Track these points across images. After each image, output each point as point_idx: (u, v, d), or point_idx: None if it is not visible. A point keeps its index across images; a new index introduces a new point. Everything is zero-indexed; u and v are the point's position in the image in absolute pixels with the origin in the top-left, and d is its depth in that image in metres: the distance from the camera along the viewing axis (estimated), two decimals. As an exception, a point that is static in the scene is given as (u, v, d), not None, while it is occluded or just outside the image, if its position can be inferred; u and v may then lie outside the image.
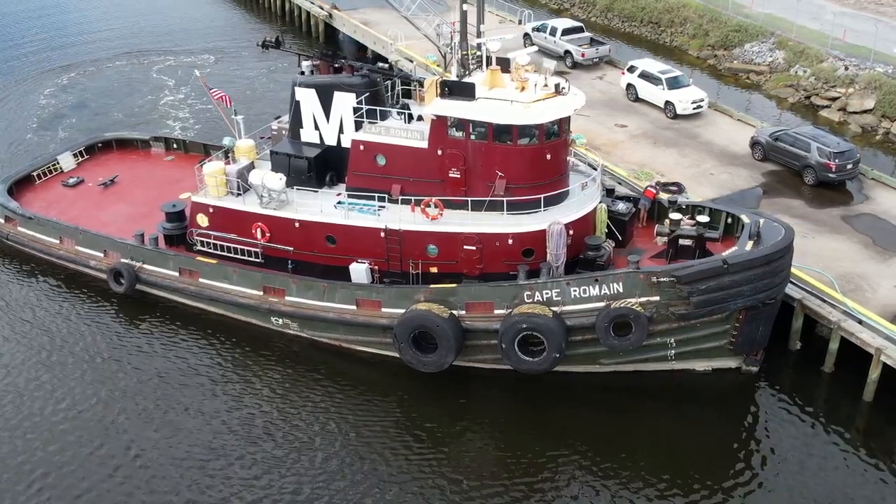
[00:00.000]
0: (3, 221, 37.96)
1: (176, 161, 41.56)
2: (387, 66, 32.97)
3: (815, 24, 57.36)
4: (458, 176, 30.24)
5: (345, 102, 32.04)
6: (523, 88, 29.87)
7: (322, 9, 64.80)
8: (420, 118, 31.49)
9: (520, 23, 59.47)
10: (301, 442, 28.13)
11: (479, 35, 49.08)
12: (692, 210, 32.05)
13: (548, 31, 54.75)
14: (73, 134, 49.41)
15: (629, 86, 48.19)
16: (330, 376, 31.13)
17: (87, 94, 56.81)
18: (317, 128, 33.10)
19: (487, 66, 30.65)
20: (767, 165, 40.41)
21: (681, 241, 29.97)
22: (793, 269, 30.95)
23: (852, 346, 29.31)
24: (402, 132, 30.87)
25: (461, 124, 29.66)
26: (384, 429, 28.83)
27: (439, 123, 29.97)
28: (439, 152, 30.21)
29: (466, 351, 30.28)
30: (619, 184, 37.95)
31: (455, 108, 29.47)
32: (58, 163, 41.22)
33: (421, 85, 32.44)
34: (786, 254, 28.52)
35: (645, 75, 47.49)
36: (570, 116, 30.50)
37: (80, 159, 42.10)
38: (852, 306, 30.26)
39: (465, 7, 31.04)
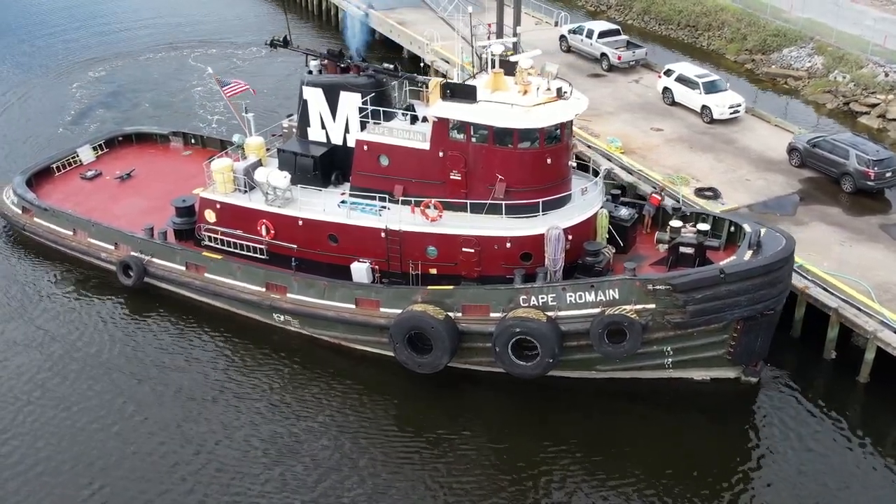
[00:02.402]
0: (20, 212, 38.78)
1: (193, 156, 42.06)
2: (392, 66, 33.08)
3: (855, 29, 56.57)
4: (459, 178, 30.28)
5: (350, 102, 32.26)
6: (526, 92, 29.84)
7: (359, 9, 65.13)
8: (425, 119, 31.60)
9: (556, 25, 59.58)
10: (294, 439, 28.35)
11: (514, 36, 49.52)
12: (696, 218, 31.74)
13: (584, 33, 54.59)
14: (106, 127, 50.02)
15: (665, 89, 47.84)
16: (328, 374, 31.36)
17: (121, 86, 57.84)
18: (323, 127, 33.40)
19: (492, 68, 30.61)
20: (805, 172, 39.93)
21: (681, 249, 29.71)
22: (830, 278, 30.81)
23: (888, 356, 28.97)
24: (405, 133, 30.99)
25: (462, 127, 29.70)
26: (379, 428, 28.95)
27: (441, 125, 30.05)
28: (441, 154, 30.28)
29: (462, 353, 30.33)
30: (653, 188, 37.65)
31: (456, 111, 29.52)
32: (77, 155, 41.99)
33: (426, 86, 32.51)
34: (785, 265, 28.14)
35: (682, 79, 47.09)
36: (572, 121, 30.36)
37: (100, 153, 42.84)
38: (889, 316, 29.85)
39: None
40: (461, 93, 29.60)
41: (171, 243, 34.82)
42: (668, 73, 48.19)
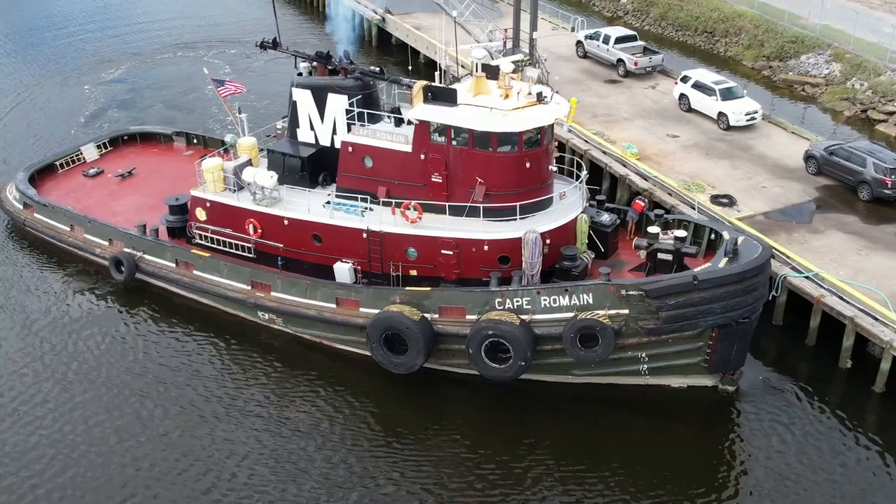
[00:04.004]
0: (21, 207, 39.62)
1: (194, 156, 42.57)
2: (378, 69, 33.42)
3: (873, 36, 56.16)
4: (440, 181, 30.50)
5: (338, 104, 32.62)
6: (507, 96, 30.01)
7: (376, 13, 65.72)
8: (410, 122, 31.85)
9: (573, 30, 59.77)
10: (268, 436, 28.65)
11: (531, 42, 49.75)
12: (678, 224, 31.69)
13: (601, 38, 54.48)
14: (117, 127, 50.53)
15: (682, 96, 47.64)
16: (308, 372, 31.66)
17: (137, 86, 58.66)
18: (312, 128, 33.78)
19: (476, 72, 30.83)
20: (821, 180, 39.68)
21: (659, 256, 29.67)
22: (846, 286, 30.75)
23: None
24: (388, 135, 31.29)
25: (443, 130, 29.93)
26: (357, 429, 29.07)
27: (422, 128, 30.29)
28: (422, 156, 30.53)
29: (439, 355, 30.53)
30: (670, 195, 37.87)
31: (436, 114, 29.76)
32: (81, 153, 42.80)
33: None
34: (760, 273, 27.97)
35: (698, 85, 46.86)
36: (552, 125, 30.46)
37: (104, 151, 43.62)
38: None
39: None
40: (442, 96, 29.84)
41: (161, 240, 35.39)
42: (684, 79, 47.95)
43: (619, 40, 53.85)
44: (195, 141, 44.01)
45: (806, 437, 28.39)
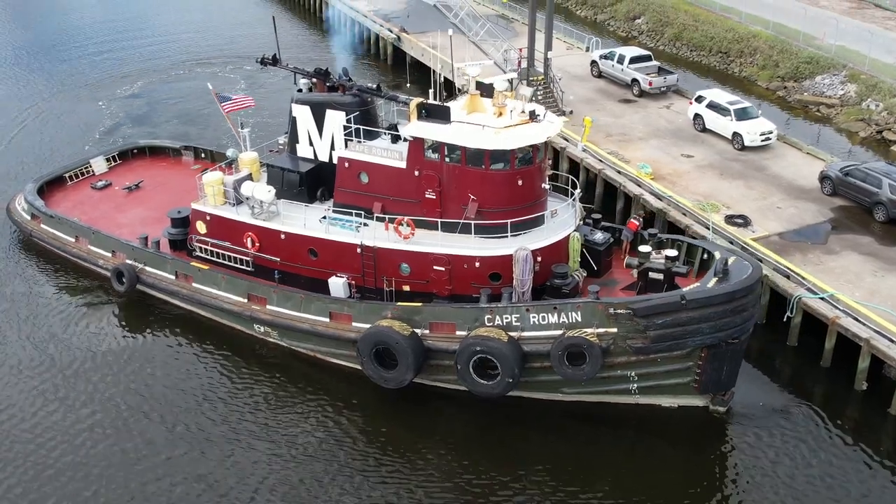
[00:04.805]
0: (29, 218, 40.31)
1: (201, 170, 43.16)
2: (375, 86, 33.76)
3: (888, 57, 56.15)
4: (434, 197, 30.70)
5: (336, 120, 32.98)
6: (501, 114, 30.21)
7: (391, 32, 66.28)
8: (406, 139, 32.11)
9: (587, 50, 59.94)
10: (255, 451, 28.80)
11: (545, 61, 49.88)
12: (672, 244, 31.66)
13: (615, 58, 54.60)
14: (130, 141, 51.36)
15: (696, 116, 47.62)
16: (300, 386, 31.87)
17: (152, 101, 59.68)
18: (311, 144, 34.17)
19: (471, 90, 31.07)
20: (836, 201, 39.52)
21: (651, 275, 29.63)
22: (861, 308, 30.56)
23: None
24: (383, 152, 31.56)
25: (437, 146, 30.16)
26: (347, 443, 29.14)
27: (417, 145, 30.55)
28: (416, 173, 30.77)
29: (430, 370, 30.64)
30: (684, 215, 37.85)
31: (430, 131, 30.00)
32: (90, 166, 43.50)
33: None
34: (749, 293, 27.85)
35: (713, 105, 46.85)
36: (545, 144, 30.60)
37: (113, 164, 44.32)
38: None
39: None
40: (436, 113, 30.09)
41: (162, 252, 35.86)
42: (699, 99, 47.93)
43: (634, 60, 53.94)
44: (203, 155, 44.58)
45: (819, 461, 27.95)
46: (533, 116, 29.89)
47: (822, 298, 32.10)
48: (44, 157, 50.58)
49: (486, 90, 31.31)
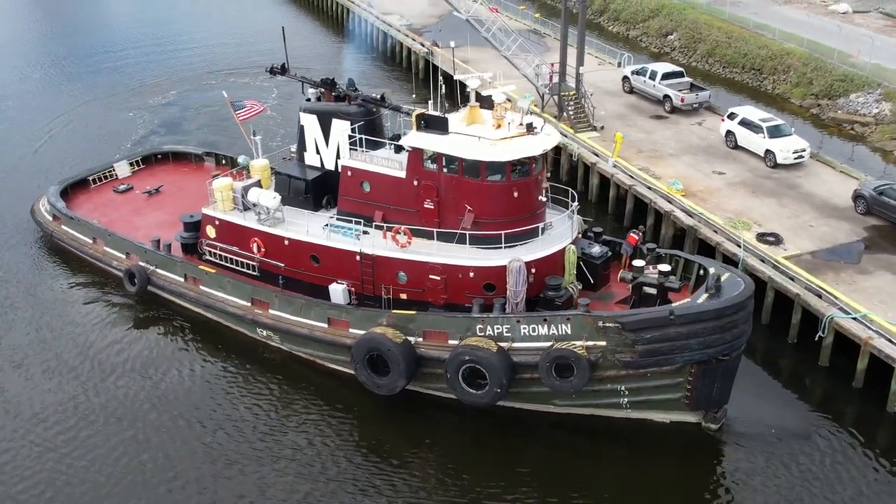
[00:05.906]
0: (51, 219, 41.53)
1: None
2: (379, 96, 34.28)
3: (924, 76, 55.23)
4: (432, 207, 31.05)
5: (341, 129, 33.53)
6: (499, 126, 30.47)
7: (423, 45, 66.90)
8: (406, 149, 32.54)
9: (619, 66, 59.86)
10: (246, 457, 29.28)
11: (577, 76, 49.88)
12: (668, 259, 31.57)
13: (647, 74, 54.49)
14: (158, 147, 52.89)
15: (728, 133, 47.34)
16: (299, 390, 32.41)
17: (184, 108, 61.08)
18: (318, 152, 34.78)
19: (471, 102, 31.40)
20: (870, 220, 39.08)
21: (644, 289, 29.60)
22: (894, 329, 30.17)
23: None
24: (384, 161, 32.02)
25: (436, 157, 30.52)
26: (341, 449, 29.51)
27: (416, 155, 30.94)
28: (415, 183, 31.15)
29: (423, 378, 30.91)
30: (715, 232, 37.74)
31: (428, 141, 30.39)
32: (114, 170, 44.66)
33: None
34: (739, 310, 27.66)
35: (745, 122, 46.56)
36: (543, 156, 30.77)
37: (136, 168, 45.43)
38: None
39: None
40: (434, 124, 30.46)
41: (172, 255, 36.70)
42: (731, 116, 47.65)
43: (666, 76, 53.75)
44: (224, 162, 45.45)
45: (851, 479, 27.78)
46: (530, 129, 30.12)
47: (854, 318, 31.74)
48: (74, 161, 51.91)
49: (483, 101, 31.59)
